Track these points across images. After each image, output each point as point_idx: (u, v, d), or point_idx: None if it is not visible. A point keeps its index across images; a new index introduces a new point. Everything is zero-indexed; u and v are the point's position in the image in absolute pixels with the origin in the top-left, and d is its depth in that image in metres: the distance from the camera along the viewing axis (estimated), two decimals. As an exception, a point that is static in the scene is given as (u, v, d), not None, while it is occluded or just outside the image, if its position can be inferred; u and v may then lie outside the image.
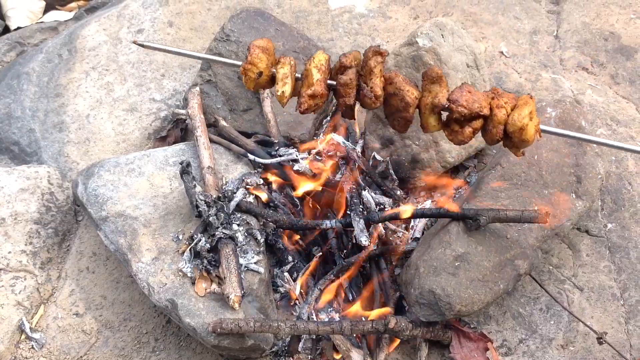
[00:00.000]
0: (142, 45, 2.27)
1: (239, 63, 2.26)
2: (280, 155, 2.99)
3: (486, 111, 2.12)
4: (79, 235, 3.16)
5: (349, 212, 2.75)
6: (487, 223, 2.50)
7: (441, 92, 2.14)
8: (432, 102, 2.14)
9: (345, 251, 2.85)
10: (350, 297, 2.78)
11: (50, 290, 2.97)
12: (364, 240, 2.60)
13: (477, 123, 2.14)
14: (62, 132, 3.49)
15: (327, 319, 2.69)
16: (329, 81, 2.23)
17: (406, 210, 2.70)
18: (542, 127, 2.16)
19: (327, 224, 2.73)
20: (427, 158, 2.95)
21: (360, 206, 2.75)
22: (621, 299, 2.74)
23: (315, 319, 2.69)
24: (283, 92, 2.20)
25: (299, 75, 2.27)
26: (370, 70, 2.17)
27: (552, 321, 2.69)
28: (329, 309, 2.75)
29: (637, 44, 3.70)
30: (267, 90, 3.16)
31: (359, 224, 2.64)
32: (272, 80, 2.26)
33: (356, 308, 2.68)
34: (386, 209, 2.84)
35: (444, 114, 2.20)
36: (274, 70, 2.25)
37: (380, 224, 2.80)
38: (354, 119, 2.34)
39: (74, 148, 3.43)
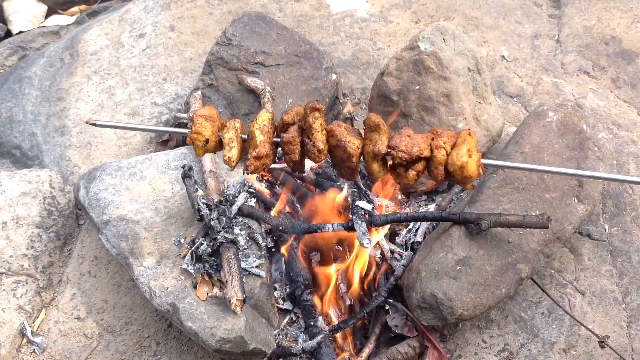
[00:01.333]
0: (94, 124, 2.33)
1: (187, 131, 2.33)
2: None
3: (426, 153, 2.15)
4: (80, 239, 3.16)
5: (351, 215, 2.75)
6: (488, 227, 2.49)
7: (380, 139, 2.17)
8: (372, 151, 2.18)
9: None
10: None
11: (51, 294, 2.97)
12: (365, 243, 2.60)
13: (420, 166, 2.17)
14: (63, 136, 3.49)
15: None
16: (274, 139, 2.29)
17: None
18: (484, 161, 2.19)
19: (329, 227, 2.73)
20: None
21: (362, 209, 2.75)
22: (623, 303, 2.74)
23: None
24: (229, 157, 2.25)
25: (246, 137, 2.31)
26: (310, 126, 2.21)
27: (553, 325, 2.69)
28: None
29: (638, 48, 3.70)
30: (268, 94, 3.17)
31: (360, 227, 2.64)
32: (220, 144, 2.32)
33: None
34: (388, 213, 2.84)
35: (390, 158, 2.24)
36: (220, 134, 2.30)
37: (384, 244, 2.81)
38: (304, 173, 2.38)
39: (76, 152, 3.43)
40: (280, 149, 2.32)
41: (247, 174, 2.28)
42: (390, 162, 2.23)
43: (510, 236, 2.56)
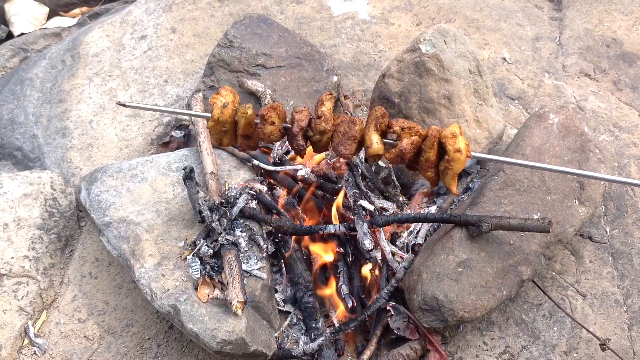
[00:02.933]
0: (124, 105, 2.42)
1: (208, 115, 2.44)
2: (282, 164, 3.01)
3: (421, 131, 2.32)
4: (81, 240, 3.16)
5: (352, 216, 2.75)
6: (489, 230, 2.49)
7: (381, 111, 2.34)
8: (375, 116, 2.32)
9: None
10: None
11: (52, 295, 2.97)
12: (367, 243, 2.60)
13: (415, 138, 2.30)
14: (65, 138, 3.49)
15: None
16: (284, 124, 2.43)
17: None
18: (472, 153, 2.33)
19: (331, 228, 2.73)
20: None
21: (364, 210, 2.75)
22: (624, 305, 2.74)
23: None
24: (246, 110, 2.36)
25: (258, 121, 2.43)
26: (322, 102, 2.38)
27: (555, 327, 2.69)
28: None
29: (639, 51, 3.71)
30: (269, 97, 3.18)
31: (362, 228, 2.64)
32: (234, 121, 2.43)
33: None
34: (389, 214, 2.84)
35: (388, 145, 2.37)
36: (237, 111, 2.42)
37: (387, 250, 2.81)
38: (303, 153, 2.46)
39: (77, 154, 3.44)
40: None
41: (259, 121, 2.37)
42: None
43: (512, 238, 2.56)
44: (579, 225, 2.67)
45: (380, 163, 3.00)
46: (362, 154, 3.02)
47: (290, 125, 2.39)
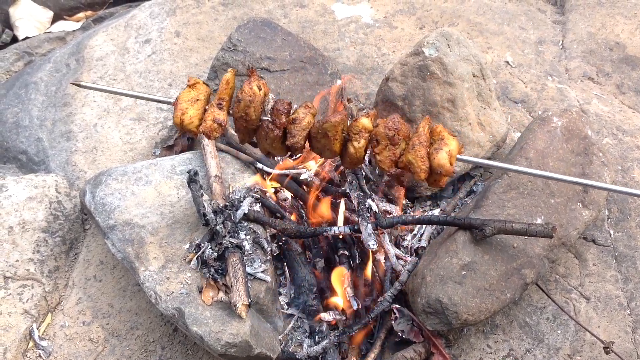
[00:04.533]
0: (79, 86, 2.37)
1: (170, 100, 2.38)
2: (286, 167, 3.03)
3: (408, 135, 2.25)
4: (86, 243, 3.17)
5: (356, 218, 2.76)
6: (492, 234, 2.49)
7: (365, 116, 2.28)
8: (357, 122, 2.25)
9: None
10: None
11: (57, 298, 2.98)
12: (371, 244, 2.60)
13: (402, 144, 2.24)
14: (69, 141, 3.50)
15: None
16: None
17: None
18: (459, 156, 2.26)
19: (335, 230, 2.74)
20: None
21: (368, 212, 2.76)
22: (628, 308, 2.74)
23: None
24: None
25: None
26: (296, 110, 2.33)
27: (558, 331, 2.69)
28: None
29: (643, 54, 3.71)
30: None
31: (366, 229, 2.65)
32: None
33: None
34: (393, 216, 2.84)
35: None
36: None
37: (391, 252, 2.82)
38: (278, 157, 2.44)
39: (82, 157, 3.45)
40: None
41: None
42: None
43: (515, 241, 2.56)
44: (583, 229, 2.67)
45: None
46: (366, 157, 3.03)
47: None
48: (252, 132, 2.33)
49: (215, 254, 2.60)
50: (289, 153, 2.41)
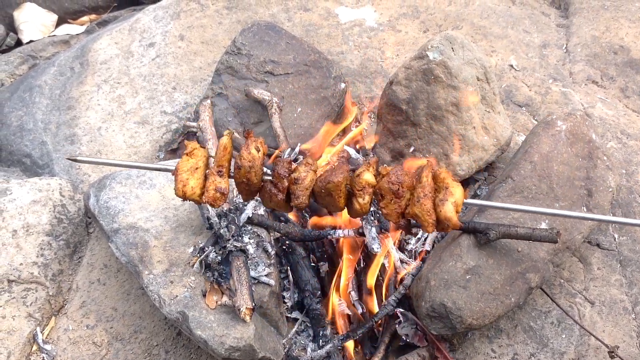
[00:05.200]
0: (76, 160, 2.33)
1: (171, 168, 2.31)
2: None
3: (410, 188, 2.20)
4: (90, 247, 3.17)
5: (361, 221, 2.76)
6: (496, 238, 2.49)
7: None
8: (359, 174, 2.20)
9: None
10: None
11: (61, 302, 2.98)
12: (375, 247, 2.60)
13: (407, 194, 2.19)
14: (73, 145, 3.51)
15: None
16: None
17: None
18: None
19: (339, 233, 2.74)
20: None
21: (372, 216, 2.75)
22: (633, 312, 2.73)
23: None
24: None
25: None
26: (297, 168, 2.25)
27: (563, 335, 2.68)
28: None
29: (647, 58, 3.70)
30: (275, 105, 3.19)
31: (370, 232, 2.64)
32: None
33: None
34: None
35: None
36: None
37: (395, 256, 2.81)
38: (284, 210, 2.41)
39: (86, 160, 3.45)
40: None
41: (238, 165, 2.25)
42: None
43: (520, 245, 2.56)
44: (587, 233, 2.67)
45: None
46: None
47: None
48: (255, 192, 2.30)
49: (219, 257, 2.60)
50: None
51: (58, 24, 4.70)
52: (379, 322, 2.74)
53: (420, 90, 2.93)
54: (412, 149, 3.00)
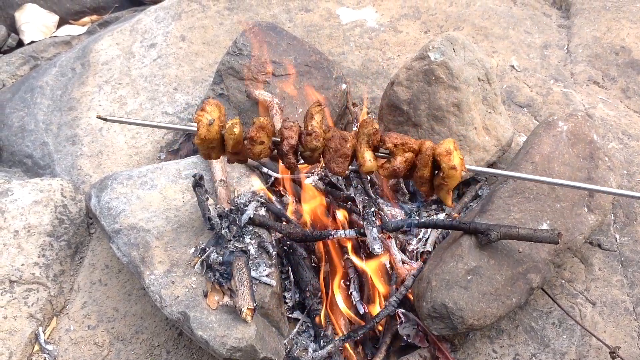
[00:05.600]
0: (106, 120, 2.39)
1: (191, 128, 2.41)
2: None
3: (415, 146, 2.28)
4: (91, 247, 3.17)
5: (362, 222, 2.76)
6: (497, 239, 2.49)
7: (374, 127, 2.31)
8: (367, 133, 2.29)
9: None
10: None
11: (62, 302, 2.98)
12: (377, 248, 2.60)
13: (408, 155, 2.28)
14: (75, 145, 3.51)
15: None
16: (273, 138, 2.39)
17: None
18: (467, 166, 2.30)
19: (341, 233, 2.74)
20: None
21: (373, 216, 2.76)
22: (634, 313, 2.73)
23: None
24: (234, 130, 2.32)
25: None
26: (311, 115, 2.34)
27: (564, 335, 2.68)
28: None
29: (648, 58, 3.70)
30: (276, 106, 3.19)
31: (372, 233, 2.64)
32: (221, 137, 2.38)
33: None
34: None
35: (381, 161, 2.34)
36: (224, 127, 2.38)
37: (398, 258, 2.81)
38: (294, 171, 2.48)
39: (87, 161, 3.45)
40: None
41: (247, 142, 2.33)
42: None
43: (521, 246, 2.56)
44: (589, 233, 2.66)
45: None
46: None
47: (280, 140, 2.37)
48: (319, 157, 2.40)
49: (221, 258, 2.60)
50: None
51: (59, 24, 4.71)
52: (380, 322, 2.74)
53: (422, 91, 2.93)
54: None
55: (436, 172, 2.31)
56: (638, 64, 3.69)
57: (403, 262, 2.81)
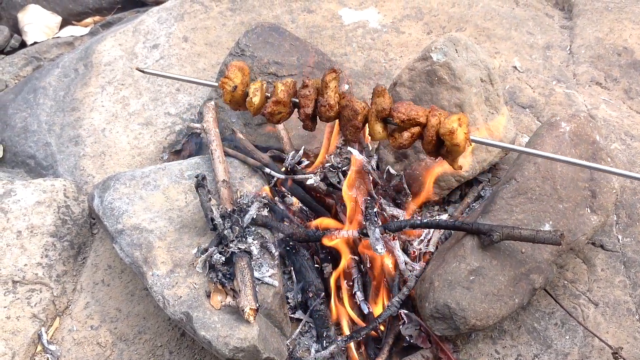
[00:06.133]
0: (143, 71, 2.53)
1: (216, 84, 2.56)
2: (295, 173, 3.03)
3: (422, 120, 2.31)
4: (94, 248, 3.17)
5: (364, 222, 2.76)
6: (500, 240, 2.49)
7: (385, 102, 2.34)
8: (376, 109, 2.33)
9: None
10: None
11: (65, 302, 2.99)
12: (379, 249, 2.60)
13: (415, 130, 2.31)
14: (78, 146, 3.52)
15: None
16: (293, 99, 2.47)
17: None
18: (472, 137, 2.31)
19: (344, 233, 2.74)
20: (441, 172, 2.96)
21: (375, 216, 2.76)
22: (637, 314, 2.73)
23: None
24: (253, 101, 2.44)
25: (269, 95, 2.49)
26: (326, 84, 2.40)
27: (567, 336, 2.68)
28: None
29: (651, 59, 3.70)
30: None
31: (374, 233, 2.64)
32: (245, 97, 2.49)
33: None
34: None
35: (390, 128, 2.39)
36: (248, 89, 2.48)
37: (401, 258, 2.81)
38: (313, 130, 2.55)
39: (90, 161, 3.46)
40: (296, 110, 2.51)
41: (265, 114, 2.43)
42: (390, 131, 2.40)
43: (524, 246, 2.56)
44: (591, 234, 2.66)
45: (392, 171, 3.00)
46: (373, 162, 3.03)
47: (298, 106, 2.45)
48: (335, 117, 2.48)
49: (223, 258, 2.60)
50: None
51: (62, 25, 4.71)
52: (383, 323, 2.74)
53: (424, 91, 2.93)
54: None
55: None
56: (640, 65, 3.70)
57: (406, 264, 2.81)
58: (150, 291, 2.63)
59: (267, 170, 3.05)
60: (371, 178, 2.96)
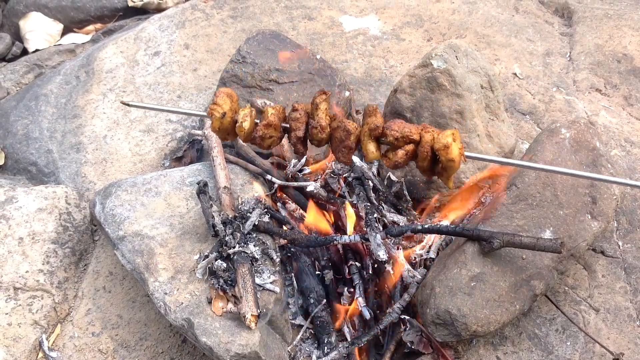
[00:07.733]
0: (128, 105, 2.50)
1: (204, 114, 2.52)
2: (295, 179, 3.03)
3: (416, 136, 2.30)
4: (95, 254, 3.18)
5: (365, 228, 2.76)
6: (500, 247, 2.49)
7: (377, 121, 2.33)
8: (369, 129, 2.32)
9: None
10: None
11: (66, 309, 2.99)
12: (381, 254, 2.60)
13: (409, 147, 2.30)
14: (79, 153, 3.52)
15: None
16: (283, 124, 2.45)
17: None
18: (467, 153, 2.30)
19: (345, 239, 2.74)
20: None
21: (376, 223, 2.76)
22: (637, 319, 2.73)
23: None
24: (243, 125, 2.40)
25: (258, 121, 2.48)
26: (317, 106, 2.40)
27: (568, 342, 2.68)
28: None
29: (651, 66, 3.71)
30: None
31: (375, 239, 2.65)
32: (234, 124, 2.45)
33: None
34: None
35: (383, 149, 2.38)
36: (237, 116, 2.45)
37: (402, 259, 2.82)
38: (305, 154, 2.55)
39: (91, 168, 3.47)
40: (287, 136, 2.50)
41: (257, 137, 2.41)
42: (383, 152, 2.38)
43: (524, 252, 2.56)
44: (592, 240, 2.67)
45: (392, 177, 3.01)
46: (374, 168, 3.04)
47: (289, 130, 2.44)
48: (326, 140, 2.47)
49: (225, 264, 2.60)
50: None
51: (64, 33, 4.72)
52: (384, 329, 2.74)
53: (425, 98, 2.94)
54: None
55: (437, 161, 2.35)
56: (640, 72, 3.71)
57: (408, 271, 2.81)
58: (152, 297, 2.63)
59: (268, 176, 3.05)
60: (371, 185, 2.96)
